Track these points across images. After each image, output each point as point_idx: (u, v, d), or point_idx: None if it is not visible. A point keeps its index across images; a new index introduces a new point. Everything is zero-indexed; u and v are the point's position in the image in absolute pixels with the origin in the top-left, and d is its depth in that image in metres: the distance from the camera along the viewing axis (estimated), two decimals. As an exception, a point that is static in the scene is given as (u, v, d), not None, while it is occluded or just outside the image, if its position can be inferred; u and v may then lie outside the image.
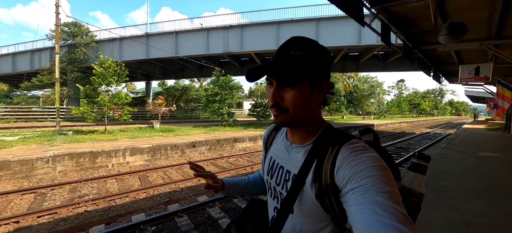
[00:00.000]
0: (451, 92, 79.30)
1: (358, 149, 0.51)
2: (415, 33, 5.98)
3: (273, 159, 0.70)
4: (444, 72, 11.34)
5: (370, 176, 0.45)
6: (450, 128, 24.81)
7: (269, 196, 0.70)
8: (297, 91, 0.55)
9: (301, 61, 0.54)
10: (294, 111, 0.56)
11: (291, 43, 0.57)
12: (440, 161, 5.39)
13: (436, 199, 3.10)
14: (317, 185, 0.54)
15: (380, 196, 0.41)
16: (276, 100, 0.56)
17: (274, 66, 0.54)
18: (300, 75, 0.54)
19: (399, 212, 0.39)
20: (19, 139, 7.55)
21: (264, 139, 0.81)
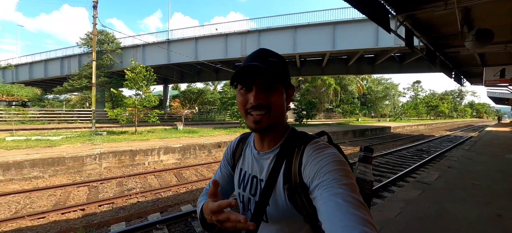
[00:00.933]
0: (471, 93, 75.92)
1: (320, 146, 0.56)
2: (438, 37, 6.11)
3: (243, 171, 0.71)
4: (466, 73, 11.20)
5: (331, 171, 0.49)
6: (471, 131, 23.92)
7: (242, 210, 0.71)
8: (278, 93, 0.58)
9: (279, 67, 0.58)
10: (275, 113, 0.59)
11: (266, 52, 0.60)
12: (465, 163, 5.48)
13: (466, 196, 3.30)
14: (287, 186, 0.57)
15: (340, 188, 0.45)
16: (260, 101, 0.57)
17: (261, 70, 0.56)
18: (280, 78, 0.58)
19: (356, 200, 0.44)
20: (62, 138, 8.33)
21: (231, 151, 0.78)
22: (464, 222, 2.50)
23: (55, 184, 5.21)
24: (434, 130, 24.39)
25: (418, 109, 41.07)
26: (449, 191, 3.45)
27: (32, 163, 5.40)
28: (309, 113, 20.07)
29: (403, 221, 2.42)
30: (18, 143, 7.05)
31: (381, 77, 46.18)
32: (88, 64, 18.79)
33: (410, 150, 10.34)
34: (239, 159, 0.74)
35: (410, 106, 41.67)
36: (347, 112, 25.41)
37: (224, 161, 0.80)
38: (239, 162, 0.74)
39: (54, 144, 7.12)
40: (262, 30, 15.10)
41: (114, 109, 9.89)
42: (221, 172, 0.79)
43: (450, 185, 3.74)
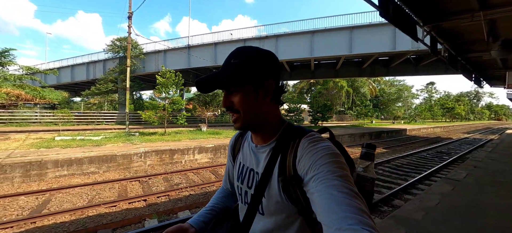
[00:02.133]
0: (489, 94, 73.28)
1: (315, 139, 0.56)
2: (461, 43, 6.40)
3: (242, 164, 0.73)
4: (486, 76, 11.26)
5: (326, 163, 0.49)
6: (490, 134, 23.38)
7: (240, 202, 0.73)
8: (241, 94, 0.59)
9: (239, 68, 0.59)
10: (244, 113, 0.60)
11: (232, 54, 0.62)
12: (490, 163, 5.73)
13: (494, 190, 3.64)
14: (282, 178, 0.58)
15: (335, 180, 0.46)
16: (226, 105, 0.62)
17: (217, 76, 0.60)
18: (239, 80, 0.59)
19: (351, 191, 0.45)
20: (102, 138, 9.11)
21: (231, 146, 0.82)
22: (494, 211, 2.88)
23: (110, 178, 5.88)
24: (451, 133, 24.01)
25: (433, 111, 40.25)
26: (478, 186, 3.80)
27: (90, 160, 6.11)
28: (324, 115, 20.35)
29: (443, 208, 2.83)
30: (68, 143, 7.84)
31: (394, 79, 45.60)
32: (113, 69, 19.92)
33: (430, 152, 10.49)
34: (239, 152, 0.77)
35: (424, 108, 40.90)
36: (361, 114, 25.41)
37: (228, 156, 0.85)
38: (238, 156, 0.76)
39: (99, 144, 7.87)
40: (279, 35, 15.62)
41: (147, 112, 10.62)
42: (228, 166, 0.86)
43: (479, 181, 4.08)
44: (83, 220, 3.82)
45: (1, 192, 4.88)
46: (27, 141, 8.29)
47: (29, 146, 7.18)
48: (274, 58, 0.63)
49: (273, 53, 0.64)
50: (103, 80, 19.50)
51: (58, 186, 5.20)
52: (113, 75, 19.43)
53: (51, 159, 5.68)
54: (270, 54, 0.63)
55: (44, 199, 4.67)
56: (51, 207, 4.31)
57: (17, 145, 7.46)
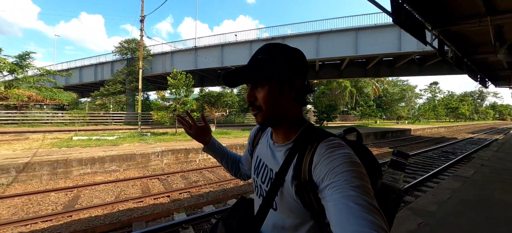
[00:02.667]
0: (493, 94, 72.90)
1: (333, 146, 0.54)
2: (467, 46, 6.61)
3: (259, 159, 0.74)
4: (491, 77, 11.40)
5: (343, 172, 0.47)
6: (495, 134, 23.40)
7: (255, 194, 0.74)
8: (266, 90, 0.60)
9: (266, 63, 0.60)
10: (266, 109, 0.61)
11: (259, 50, 0.63)
12: (497, 162, 5.93)
13: (502, 186, 3.85)
14: (296, 182, 0.57)
15: (353, 190, 0.44)
16: (250, 99, 0.63)
17: (244, 71, 0.61)
18: (266, 75, 0.60)
19: (369, 204, 0.42)
20: (116, 138, 9.42)
21: (251, 138, 0.85)
22: (503, 204, 3.10)
23: (131, 176, 6.18)
24: (456, 133, 24.06)
25: (437, 111, 40.20)
26: (487, 183, 4.02)
27: (111, 159, 6.40)
28: (329, 115, 20.56)
29: (454, 202, 3.06)
30: (87, 142, 8.16)
31: (398, 79, 45.59)
32: (121, 70, 20.31)
33: (435, 152, 10.67)
34: (257, 146, 0.78)
35: (428, 108, 40.87)
36: (366, 115, 25.55)
37: (248, 146, 0.87)
38: (256, 149, 0.78)
39: (116, 143, 8.17)
40: (285, 37, 15.87)
41: (159, 112, 10.93)
42: (245, 154, 0.90)
43: (487, 178, 4.29)
44: (115, 214, 4.10)
45: (32, 189, 5.19)
46: (46, 141, 8.62)
47: (50, 146, 7.50)
48: (302, 56, 0.63)
49: (301, 52, 0.64)
50: (111, 81, 19.92)
51: (84, 183, 5.50)
52: (121, 76, 19.81)
53: (76, 157, 5.99)
54: (298, 52, 0.63)
55: (73, 195, 4.97)
56: (82, 203, 4.60)
57: (38, 145, 7.79)
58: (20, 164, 5.40)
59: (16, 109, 17.31)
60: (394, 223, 2.28)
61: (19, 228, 3.63)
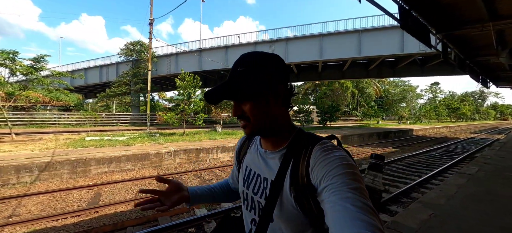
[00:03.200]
0: (494, 94, 72.99)
1: (328, 148, 0.55)
2: (470, 49, 6.84)
3: (249, 169, 0.70)
4: (493, 77, 11.61)
5: (340, 174, 0.48)
6: (497, 133, 23.58)
7: (245, 208, 0.71)
8: (252, 102, 0.58)
9: (248, 76, 0.58)
10: (255, 121, 0.59)
11: (238, 61, 0.61)
12: (499, 160, 6.15)
13: (505, 182, 4.08)
14: (294, 187, 0.56)
15: (350, 192, 0.44)
16: (237, 113, 0.61)
17: (225, 86, 0.58)
18: (248, 89, 0.57)
19: (366, 205, 0.43)
20: (127, 139, 9.66)
21: (237, 150, 0.81)
22: (505, 198, 3.33)
23: (146, 175, 6.42)
24: (458, 133, 24.25)
25: (439, 111, 40.36)
26: (490, 179, 4.25)
27: (127, 158, 6.65)
28: (332, 116, 20.79)
29: (461, 196, 3.29)
30: (99, 143, 8.41)
31: (399, 79, 45.81)
32: (127, 72, 20.59)
33: (438, 151, 10.89)
34: (245, 156, 0.75)
35: (430, 108, 41.05)
36: (368, 115, 25.77)
37: (235, 157, 0.84)
38: (244, 159, 0.75)
39: (128, 143, 8.42)
40: (289, 39, 16.12)
41: (167, 113, 11.18)
42: (233, 170, 0.85)
43: (490, 175, 4.52)
44: (139, 210, 4.34)
45: (54, 187, 5.43)
46: (59, 142, 8.87)
47: (66, 146, 7.76)
48: (281, 61, 0.63)
49: (279, 56, 0.63)
50: (117, 82, 20.21)
51: (103, 182, 5.74)
52: (127, 78, 20.09)
53: (94, 157, 6.23)
54: (276, 57, 0.62)
55: (94, 192, 5.21)
56: (105, 199, 4.85)
57: (53, 145, 8.04)
58: (43, 163, 5.65)
59: (24, 110, 17.61)
60: (408, 215, 2.49)
61: (52, 223, 3.87)
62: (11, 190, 5.19)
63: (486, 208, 2.91)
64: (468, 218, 2.64)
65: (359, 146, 12.72)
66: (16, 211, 4.22)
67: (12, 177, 5.34)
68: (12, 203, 4.55)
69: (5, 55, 8.28)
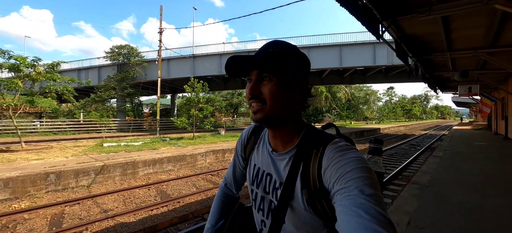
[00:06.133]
0: (435, 97, 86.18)
1: (342, 149, 0.52)
2: (432, 66, 9.24)
3: (257, 167, 0.68)
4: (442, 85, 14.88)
5: (355, 178, 0.45)
6: (441, 130, 28.77)
7: (254, 208, 0.68)
8: (275, 83, 0.55)
9: (279, 57, 0.56)
10: (272, 105, 0.56)
11: (271, 43, 0.59)
12: (453, 148, 8.58)
13: (463, 159, 6.18)
14: (306, 190, 0.54)
15: (364, 199, 0.42)
16: (253, 92, 0.57)
17: (255, 58, 0.56)
18: (277, 68, 0.55)
19: (381, 215, 0.40)
20: (141, 144, 10.11)
21: (243, 143, 0.76)
22: (467, 168, 5.31)
23: (189, 174, 7.27)
24: (412, 130, 28.87)
25: (396, 112, 46.61)
26: (453, 159, 6.35)
27: (168, 160, 7.41)
28: (317, 118, 23.15)
29: (440, 168, 5.17)
30: (116, 148, 8.82)
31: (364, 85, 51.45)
32: (113, 76, 19.98)
33: (406, 145, 13.62)
34: (252, 152, 0.72)
35: (390, 110, 47.11)
36: (343, 116, 28.89)
37: (237, 153, 0.79)
38: (252, 156, 0.72)
39: (155, 148, 9.01)
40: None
41: (179, 118, 11.78)
42: (235, 165, 0.81)
43: (451, 156, 6.67)
44: (205, 201, 5.31)
45: (112, 188, 6.03)
46: (79, 149, 8.98)
47: (97, 152, 8.08)
48: (308, 60, 0.62)
49: (306, 57, 0.62)
50: (103, 87, 19.47)
51: (157, 181, 6.48)
52: (114, 83, 19.52)
53: (141, 159, 6.89)
54: (305, 57, 0.61)
55: (155, 190, 5.98)
56: (171, 195, 5.68)
57: (81, 151, 8.23)
58: (98, 167, 6.18)
59: None
60: (417, 178, 4.22)
61: (139, 216, 4.47)
62: (75, 193, 5.66)
63: (456, 172, 4.80)
64: (449, 177, 4.44)
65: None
66: (100, 208, 4.86)
67: (71, 181, 5.80)
68: (88, 203, 5.13)
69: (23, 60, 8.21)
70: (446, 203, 3.22)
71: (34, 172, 5.28)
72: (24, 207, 4.73)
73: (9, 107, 8.38)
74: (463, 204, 3.15)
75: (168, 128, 20.60)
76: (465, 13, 4.18)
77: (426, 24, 5.05)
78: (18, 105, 8.64)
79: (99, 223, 4.09)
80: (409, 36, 5.97)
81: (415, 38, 6.15)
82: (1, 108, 8.50)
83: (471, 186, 3.95)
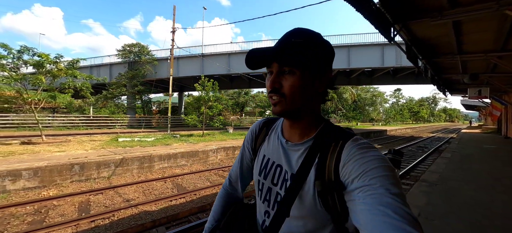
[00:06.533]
0: (443, 100, 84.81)
1: (364, 146, 0.51)
2: (441, 69, 9.29)
3: (267, 158, 0.67)
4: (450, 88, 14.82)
5: (379, 177, 0.44)
6: (449, 133, 28.42)
7: (259, 198, 0.67)
8: (297, 77, 0.53)
9: (302, 48, 0.53)
10: (293, 98, 0.54)
11: (292, 32, 0.56)
12: (462, 150, 8.63)
13: (471, 161, 6.27)
14: (320, 182, 0.53)
15: (390, 198, 0.41)
16: (274, 85, 0.55)
17: (275, 50, 0.54)
18: (300, 61, 0.52)
19: (409, 215, 0.39)
20: (154, 140, 10.46)
21: (253, 134, 0.74)
22: (475, 168, 5.42)
23: (201, 169, 7.55)
24: (420, 132, 28.62)
25: (403, 114, 46.14)
26: (462, 160, 6.44)
27: (182, 155, 7.71)
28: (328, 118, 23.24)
29: (448, 168, 5.30)
30: (141, 143, 9.17)
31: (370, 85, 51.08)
32: (125, 74, 20.51)
33: (414, 147, 13.63)
34: (262, 144, 0.70)
35: (397, 112, 46.67)
36: (349, 117, 28.86)
37: (245, 146, 0.77)
38: (261, 147, 0.70)
39: (167, 144, 9.34)
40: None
41: (190, 116, 12.11)
42: (242, 158, 0.78)
43: (459, 158, 6.76)
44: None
45: (130, 180, 6.35)
46: (96, 143, 9.38)
47: (115, 146, 8.44)
48: (332, 48, 0.59)
49: (331, 45, 0.59)
50: (115, 84, 20.04)
51: (172, 174, 6.78)
52: (125, 80, 20.05)
53: (156, 154, 7.20)
54: (329, 44, 0.58)
55: (171, 182, 6.28)
56: (187, 188, 5.97)
57: (98, 145, 8.62)
58: (118, 160, 6.51)
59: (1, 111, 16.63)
60: (426, 176, 4.39)
61: (160, 205, 4.77)
62: (97, 184, 6.00)
63: (463, 173, 4.93)
64: (458, 176, 4.58)
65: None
66: (122, 198, 5.18)
67: (93, 172, 6.15)
68: (110, 193, 5.45)
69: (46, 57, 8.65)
70: (455, 199, 3.39)
71: (60, 163, 5.64)
72: (51, 195, 5.08)
73: (32, 102, 8.82)
74: (471, 200, 3.32)
75: (176, 125, 21.03)
76: (476, 17, 4.33)
77: (436, 27, 5.18)
78: (40, 100, 9.06)
79: (124, 210, 4.39)
80: (419, 38, 6.10)
81: (426, 40, 6.27)
82: (24, 103, 8.93)
83: (479, 185, 4.10)
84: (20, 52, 8.32)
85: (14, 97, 8.79)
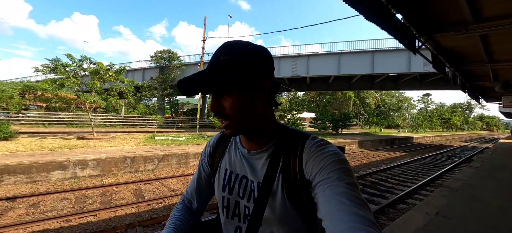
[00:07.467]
0: (480, 106, 77.88)
1: (321, 143, 0.55)
2: (471, 76, 9.09)
3: (229, 171, 0.66)
4: (484, 95, 14.08)
5: (335, 170, 0.49)
6: (485, 142, 26.37)
7: (225, 216, 0.66)
8: (235, 98, 0.53)
9: (230, 66, 0.52)
10: (238, 119, 0.55)
11: (221, 49, 0.56)
12: (493, 161, 8.34)
13: (501, 171, 6.19)
14: (287, 184, 0.55)
15: (344, 188, 0.46)
16: (216, 109, 0.55)
17: (203, 76, 0.52)
18: (231, 82, 0.52)
19: (360, 200, 0.45)
20: (185, 139, 11.42)
21: (210, 150, 0.73)
22: (504, 178, 5.42)
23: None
24: (451, 141, 26.93)
25: (432, 121, 43.49)
26: (491, 170, 6.38)
27: (212, 154, 8.48)
28: (345, 123, 23.01)
29: (476, 177, 5.37)
30: (165, 141, 10.16)
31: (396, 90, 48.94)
32: (156, 78, 22.29)
33: (441, 156, 13.16)
34: (222, 158, 0.69)
35: (425, 118, 44.18)
36: (373, 123, 28.10)
37: (202, 163, 0.75)
38: (221, 162, 0.69)
39: (198, 143, 10.22)
40: (311, 55, 18.34)
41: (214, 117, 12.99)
42: (200, 176, 0.75)
43: (489, 168, 6.66)
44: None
45: (172, 174, 7.21)
46: (136, 140, 10.57)
47: (154, 143, 9.50)
48: (268, 54, 0.58)
49: (266, 49, 0.58)
50: (147, 87, 21.89)
51: (205, 170, 7.54)
52: (156, 83, 21.78)
53: (191, 152, 8.04)
54: (264, 49, 0.57)
55: (205, 177, 7.02)
56: (220, 181, 6.66)
57: (139, 142, 9.75)
58: (160, 155, 7.43)
59: (55, 110, 18.94)
60: (451, 182, 4.59)
61: None
62: (144, 175, 6.93)
63: (491, 181, 5.00)
64: (483, 184, 4.70)
65: (374, 150, 14.88)
66: (167, 188, 6.00)
67: (141, 165, 7.10)
68: (156, 183, 6.31)
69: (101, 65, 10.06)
70: (475, 202, 3.62)
71: (116, 156, 6.65)
72: (111, 182, 6.07)
73: (87, 103, 10.24)
74: (492, 205, 3.53)
75: (201, 126, 22.25)
76: (504, 31, 4.46)
77: (463, 39, 5.34)
78: (95, 102, 10.46)
79: (172, 198, 5.17)
80: (446, 48, 6.23)
81: (452, 50, 6.37)
82: (81, 103, 10.35)
83: (505, 193, 4.22)
84: (81, 61, 9.78)
85: (74, 98, 10.26)
